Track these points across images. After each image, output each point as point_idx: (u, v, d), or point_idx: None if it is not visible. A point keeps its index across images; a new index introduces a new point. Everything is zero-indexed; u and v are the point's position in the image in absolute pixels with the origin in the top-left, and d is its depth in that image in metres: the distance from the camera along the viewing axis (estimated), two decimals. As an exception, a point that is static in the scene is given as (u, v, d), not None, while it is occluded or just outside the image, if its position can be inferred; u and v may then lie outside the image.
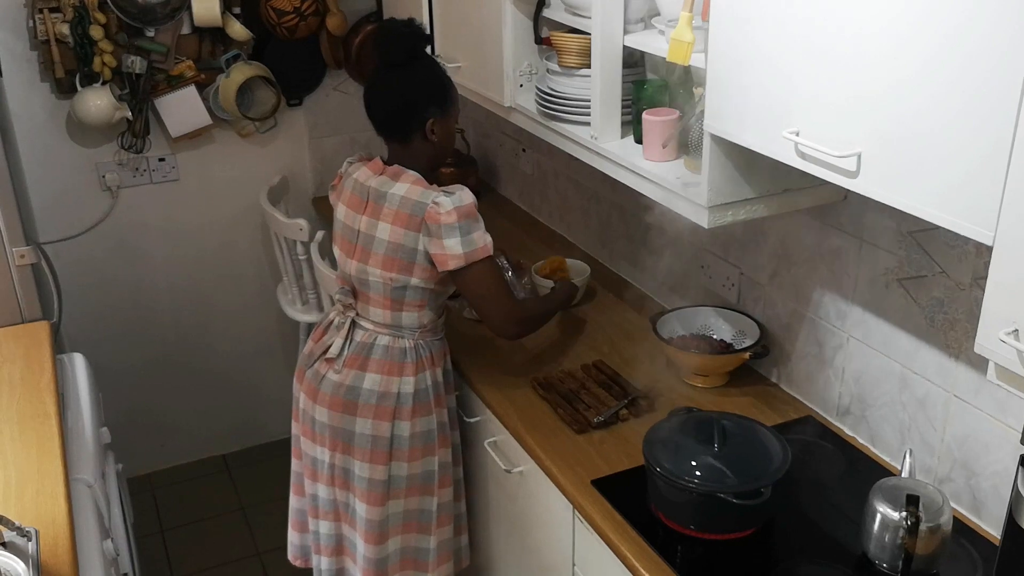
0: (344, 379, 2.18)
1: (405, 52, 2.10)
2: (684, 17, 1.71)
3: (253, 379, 3.69)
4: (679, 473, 1.76)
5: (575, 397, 2.21)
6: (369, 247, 2.11)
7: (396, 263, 2.09)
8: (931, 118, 1.26)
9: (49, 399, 2.22)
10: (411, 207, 2.05)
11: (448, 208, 2.01)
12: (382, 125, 2.15)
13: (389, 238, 2.08)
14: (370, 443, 2.18)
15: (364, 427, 2.18)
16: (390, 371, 2.17)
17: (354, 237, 2.15)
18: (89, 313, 3.36)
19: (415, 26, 2.12)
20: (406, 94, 2.09)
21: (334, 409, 2.20)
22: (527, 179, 3.30)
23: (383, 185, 2.10)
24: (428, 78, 2.12)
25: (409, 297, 2.13)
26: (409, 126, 2.11)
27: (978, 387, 1.73)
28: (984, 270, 1.63)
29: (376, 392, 2.16)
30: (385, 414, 2.17)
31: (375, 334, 2.18)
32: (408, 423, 2.19)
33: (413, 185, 2.07)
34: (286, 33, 3.20)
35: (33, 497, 1.88)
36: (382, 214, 2.08)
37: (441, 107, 2.12)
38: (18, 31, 2.97)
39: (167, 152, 3.30)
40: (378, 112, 2.14)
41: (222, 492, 3.59)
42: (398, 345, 2.17)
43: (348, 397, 2.18)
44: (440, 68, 2.16)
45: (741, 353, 2.20)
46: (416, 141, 2.13)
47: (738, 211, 1.82)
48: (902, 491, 1.62)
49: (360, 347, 2.18)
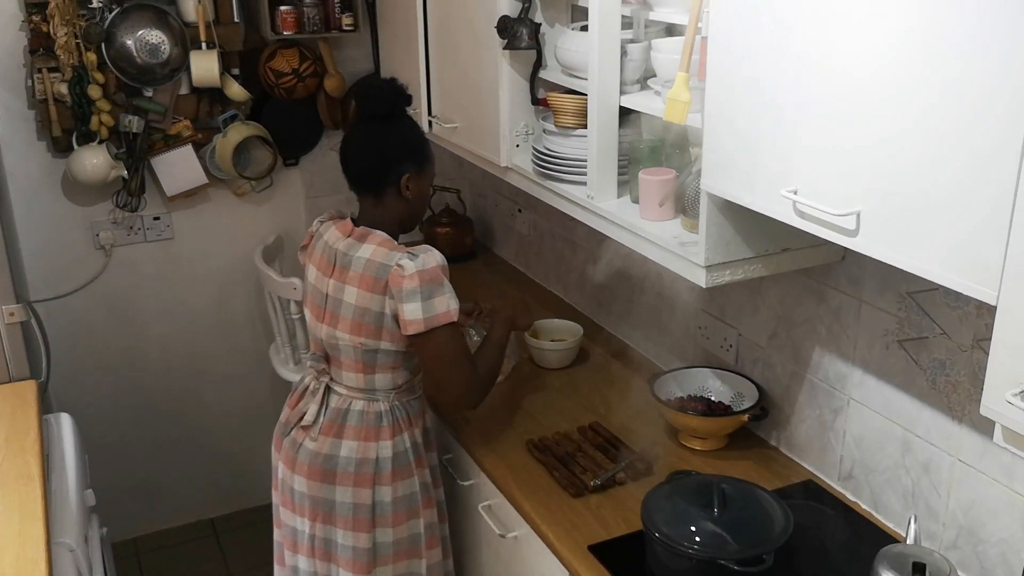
0: (321, 447, 2.14)
1: (385, 106, 2.11)
2: (681, 77, 1.71)
3: (243, 440, 3.63)
4: (678, 538, 1.72)
5: (571, 460, 2.17)
6: (337, 311, 2.08)
7: (364, 327, 2.05)
8: (931, 175, 1.25)
9: (33, 460, 2.18)
10: (375, 270, 2.02)
11: (411, 271, 1.98)
12: (356, 178, 2.14)
13: (356, 302, 2.04)
14: (351, 511, 2.13)
15: (344, 495, 2.13)
16: (367, 436, 2.12)
17: (323, 301, 2.12)
18: (78, 373, 3.32)
19: (396, 84, 2.13)
20: (383, 148, 2.09)
21: (312, 479, 2.14)
22: (523, 239, 3.30)
23: (350, 248, 2.07)
24: (405, 134, 2.12)
25: (381, 360, 2.10)
26: (384, 181, 2.10)
27: (983, 451, 1.70)
28: (986, 331, 1.62)
29: (354, 459, 2.12)
30: (365, 481, 2.12)
31: (349, 399, 2.14)
32: (389, 488, 2.14)
33: (378, 247, 2.04)
34: (284, 94, 3.22)
35: (13, 562, 1.83)
36: (348, 277, 2.05)
37: (417, 164, 2.11)
38: (16, 90, 2.99)
39: (162, 211, 3.29)
40: (354, 165, 2.13)
41: (210, 558, 3.50)
42: (373, 409, 2.13)
43: (326, 466, 2.13)
44: (418, 127, 2.18)
45: (740, 415, 2.17)
46: (389, 197, 2.11)
47: (736, 271, 1.80)
48: (908, 559, 1.59)
49: (335, 413, 2.14)
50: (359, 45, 3.37)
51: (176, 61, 3.00)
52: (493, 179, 2.64)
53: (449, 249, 3.33)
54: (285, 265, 3.44)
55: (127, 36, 2.93)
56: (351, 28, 3.18)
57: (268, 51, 3.18)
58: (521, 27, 2.22)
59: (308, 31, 3.14)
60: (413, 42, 2.84)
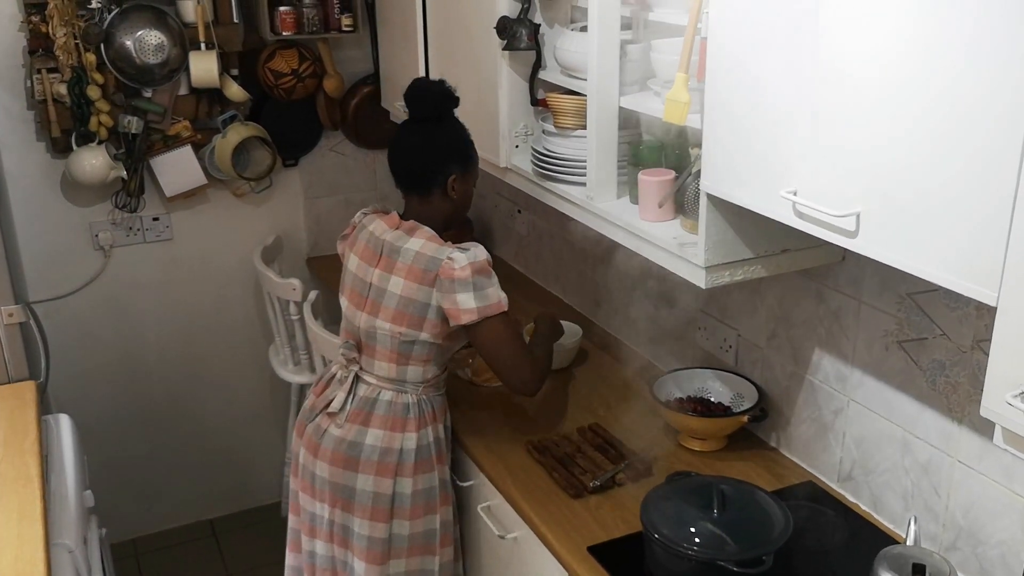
0: (346, 434, 2.15)
1: (434, 109, 2.14)
2: (680, 78, 1.71)
3: (243, 441, 3.63)
4: (678, 539, 1.71)
5: (571, 461, 2.17)
6: (380, 300, 2.11)
7: (407, 317, 2.08)
8: (931, 175, 1.25)
9: (32, 461, 2.17)
10: (425, 262, 2.05)
11: (463, 263, 2.02)
12: (404, 178, 2.18)
13: (401, 292, 2.08)
14: (371, 500, 2.15)
15: (366, 484, 2.14)
16: (393, 427, 2.14)
17: (366, 290, 2.14)
18: (77, 373, 3.31)
19: (446, 86, 2.16)
20: (430, 149, 2.13)
21: (335, 465, 2.16)
22: (522, 240, 3.30)
23: (398, 239, 2.11)
24: (453, 136, 2.16)
25: (416, 351, 2.12)
26: (431, 181, 2.13)
27: (982, 452, 1.69)
28: (985, 332, 1.62)
29: (379, 448, 2.14)
30: (387, 471, 2.14)
31: (379, 388, 2.16)
32: (410, 480, 2.15)
33: (428, 241, 2.08)
34: (283, 95, 3.22)
35: (11, 563, 1.83)
36: (395, 268, 2.09)
37: (463, 165, 2.16)
38: (15, 91, 2.99)
39: (161, 211, 3.29)
40: (401, 165, 2.17)
41: (209, 559, 3.49)
42: (401, 400, 2.15)
43: (350, 453, 2.15)
44: (464, 129, 2.20)
45: (739, 416, 2.17)
46: (435, 197, 2.15)
47: (735, 272, 1.80)
48: (908, 560, 1.58)
49: (363, 402, 2.16)
50: (358, 46, 3.37)
51: (175, 62, 3.00)
52: (493, 180, 2.64)
53: (448, 250, 3.35)
54: (284, 266, 3.44)
55: (126, 37, 2.93)
56: (350, 29, 3.18)
57: (267, 52, 3.18)
58: (520, 28, 2.22)
59: (307, 32, 3.15)
60: (412, 43, 2.84)
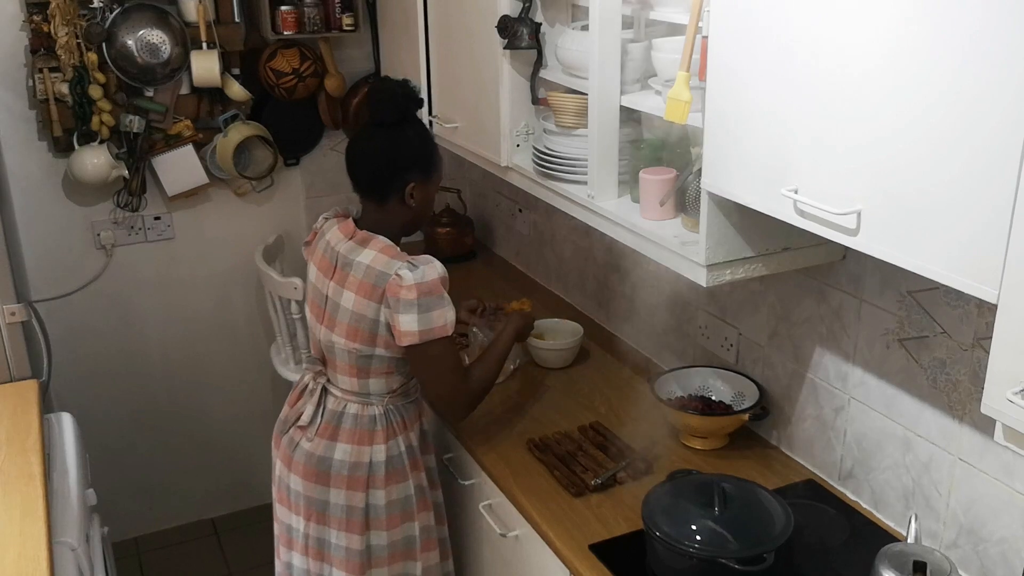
0: (316, 449, 2.14)
1: (396, 112, 2.07)
2: (681, 77, 1.71)
3: (244, 440, 3.63)
4: (679, 537, 1.71)
5: (572, 459, 2.17)
6: (335, 315, 2.08)
7: (359, 333, 2.05)
8: (932, 173, 1.25)
9: (35, 460, 2.17)
10: (375, 277, 2.00)
11: (409, 283, 1.96)
12: (361, 183, 2.12)
13: (353, 308, 2.03)
14: (345, 513, 2.13)
15: (338, 498, 2.13)
16: (360, 440, 2.12)
17: (323, 302, 2.12)
18: (79, 372, 3.32)
19: (409, 88, 2.09)
20: (390, 154, 2.06)
21: (307, 479, 2.15)
22: (523, 239, 3.30)
23: (351, 252, 2.06)
24: (415, 141, 2.09)
25: (376, 365, 2.09)
26: (389, 188, 2.07)
27: (983, 450, 1.70)
28: (986, 330, 1.62)
29: (347, 463, 2.11)
30: (358, 484, 2.12)
31: (344, 402, 2.13)
32: (383, 491, 2.13)
33: (379, 253, 2.02)
34: (285, 94, 3.22)
35: (14, 561, 1.83)
36: (347, 282, 2.04)
37: (424, 172, 2.09)
38: (17, 90, 2.99)
39: (163, 211, 3.29)
40: (360, 169, 2.11)
41: (210, 557, 3.50)
42: (367, 413, 2.12)
43: (320, 468, 2.13)
44: (429, 133, 2.14)
45: (740, 415, 2.17)
46: (393, 204, 2.09)
47: (737, 270, 1.80)
48: (909, 557, 1.58)
49: (331, 415, 2.14)
50: (359, 45, 3.37)
51: (177, 61, 3.00)
52: (493, 179, 2.64)
53: (449, 249, 3.35)
54: (286, 265, 3.44)
55: (128, 36, 2.93)
56: (351, 28, 3.18)
57: (269, 51, 3.18)
58: (521, 27, 2.22)
59: (308, 31, 3.14)
60: (414, 42, 2.84)
